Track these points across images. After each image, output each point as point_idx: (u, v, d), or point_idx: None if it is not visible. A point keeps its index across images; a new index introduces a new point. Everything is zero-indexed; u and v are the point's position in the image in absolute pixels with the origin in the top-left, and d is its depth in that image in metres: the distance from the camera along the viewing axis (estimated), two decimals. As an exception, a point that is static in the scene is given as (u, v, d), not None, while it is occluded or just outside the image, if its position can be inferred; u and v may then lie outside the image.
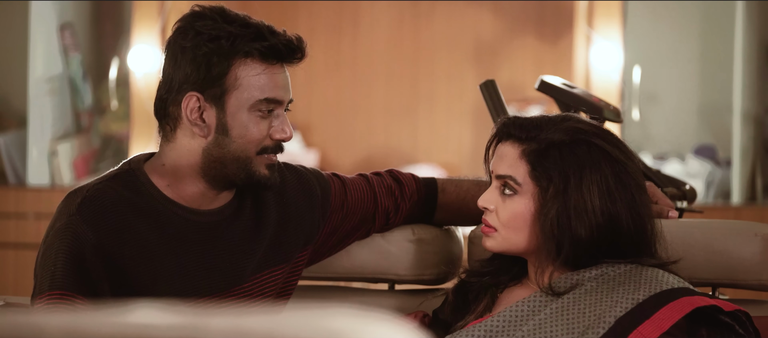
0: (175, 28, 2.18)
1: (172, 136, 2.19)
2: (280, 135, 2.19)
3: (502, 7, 5.56)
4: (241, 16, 2.18)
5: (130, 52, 5.36)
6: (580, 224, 2.06)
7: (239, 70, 2.15)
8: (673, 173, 4.54)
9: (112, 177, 2.20)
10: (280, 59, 2.18)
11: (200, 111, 2.16)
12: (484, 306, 2.18)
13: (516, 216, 2.12)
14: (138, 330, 1.02)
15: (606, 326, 2.01)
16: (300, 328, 0.99)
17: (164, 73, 2.19)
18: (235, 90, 2.15)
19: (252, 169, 2.19)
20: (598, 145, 2.10)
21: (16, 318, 1.05)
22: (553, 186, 2.08)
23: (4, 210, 5.31)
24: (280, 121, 2.19)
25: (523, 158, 2.11)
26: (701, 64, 5.34)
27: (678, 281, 2.07)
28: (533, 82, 2.74)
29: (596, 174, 2.07)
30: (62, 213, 2.15)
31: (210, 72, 2.14)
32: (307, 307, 1.04)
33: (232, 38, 2.14)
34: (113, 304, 2.12)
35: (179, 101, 2.16)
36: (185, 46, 2.15)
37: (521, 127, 2.14)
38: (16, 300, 2.35)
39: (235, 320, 1.01)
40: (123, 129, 5.47)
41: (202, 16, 2.16)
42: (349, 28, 5.75)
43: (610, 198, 2.07)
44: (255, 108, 2.16)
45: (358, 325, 0.99)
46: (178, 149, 2.19)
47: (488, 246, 2.16)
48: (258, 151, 2.18)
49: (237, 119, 2.16)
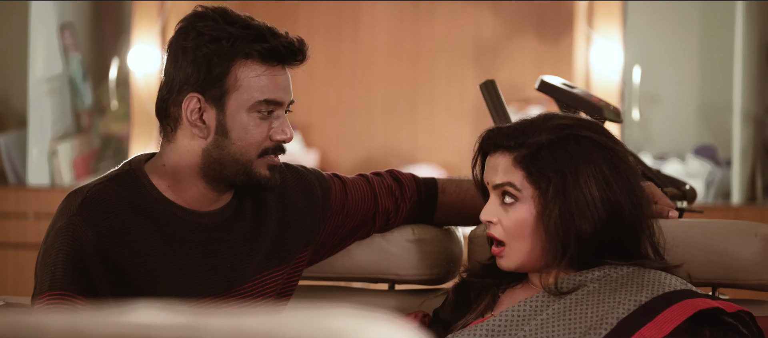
0: (177, 29, 2.19)
1: (173, 136, 2.20)
2: (280, 136, 2.19)
3: (502, 7, 5.56)
4: (243, 18, 2.18)
5: (130, 52, 5.36)
6: (584, 219, 2.06)
7: (239, 71, 2.15)
8: (673, 173, 4.54)
9: (113, 177, 2.20)
10: (280, 61, 2.18)
11: (200, 112, 2.16)
12: (485, 305, 2.18)
13: (520, 224, 2.11)
14: (138, 330, 1.02)
15: (608, 327, 2.01)
16: (300, 328, 0.99)
17: (165, 72, 2.19)
18: (235, 91, 2.15)
19: (252, 170, 2.19)
20: (586, 136, 2.10)
21: (16, 318, 1.05)
22: (552, 186, 2.08)
23: (4, 210, 5.31)
24: (280, 123, 2.19)
25: (517, 165, 2.11)
26: (701, 64, 5.34)
27: (681, 283, 2.07)
28: (533, 82, 2.74)
29: (590, 166, 2.08)
30: (63, 213, 2.15)
31: (210, 73, 2.14)
32: (307, 307, 1.04)
33: (233, 39, 2.14)
34: (113, 304, 2.12)
35: (180, 102, 2.16)
36: (186, 46, 2.15)
37: (507, 135, 2.13)
38: (16, 300, 2.35)
39: (235, 320, 1.01)
40: (123, 129, 5.47)
41: (204, 17, 2.17)
42: (349, 28, 5.74)
43: (608, 186, 2.08)
44: (254, 109, 2.16)
45: (358, 325, 0.99)
46: (178, 150, 2.19)
47: (504, 266, 2.14)
48: (259, 153, 2.18)
49: (236, 120, 2.16)
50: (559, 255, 2.08)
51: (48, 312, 1.09)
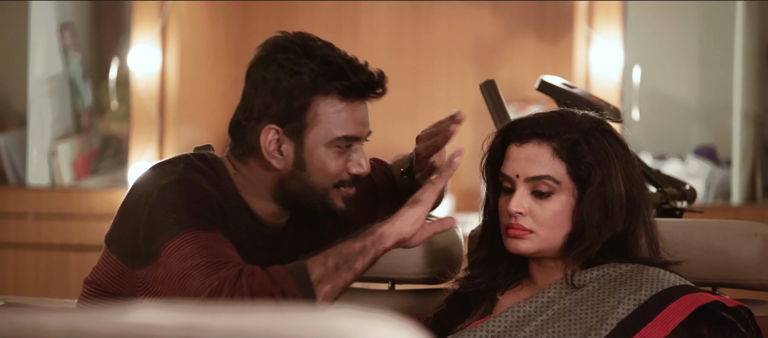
0: (258, 56, 2.19)
1: (245, 159, 2.22)
2: (357, 169, 2.21)
3: (502, 7, 5.56)
4: (324, 51, 2.17)
5: (130, 52, 5.36)
6: (615, 213, 2.07)
7: (319, 107, 2.16)
8: (673, 173, 4.53)
9: (200, 156, 2.22)
10: (360, 96, 2.19)
11: (278, 143, 2.17)
12: (484, 309, 2.18)
13: (556, 215, 2.10)
14: (138, 330, 1.02)
15: (608, 328, 2.01)
16: (300, 328, 0.99)
17: (244, 97, 2.20)
18: (314, 126, 2.16)
19: (328, 200, 2.21)
20: (610, 131, 2.14)
21: (16, 318, 1.05)
22: (594, 178, 2.08)
23: (4, 210, 5.30)
24: (357, 155, 2.21)
25: (557, 156, 2.10)
26: (701, 64, 5.34)
27: (679, 279, 2.08)
28: (533, 82, 2.74)
29: (619, 161, 2.10)
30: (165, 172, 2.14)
31: (290, 107, 2.15)
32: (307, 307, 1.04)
33: (314, 76, 2.14)
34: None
35: (258, 131, 2.17)
36: (267, 77, 2.16)
37: (545, 124, 2.12)
38: (16, 300, 2.36)
39: (235, 320, 1.01)
40: (123, 129, 5.47)
41: (285, 49, 2.17)
42: (349, 28, 5.74)
43: (631, 181, 2.10)
44: (333, 144, 2.18)
45: (358, 325, 0.99)
46: (251, 173, 2.21)
47: (523, 248, 2.12)
48: (335, 184, 2.20)
49: (315, 155, 2.17)
50: (589, 247, 2.08)
51: (47, 312, 1.09)
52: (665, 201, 2.79)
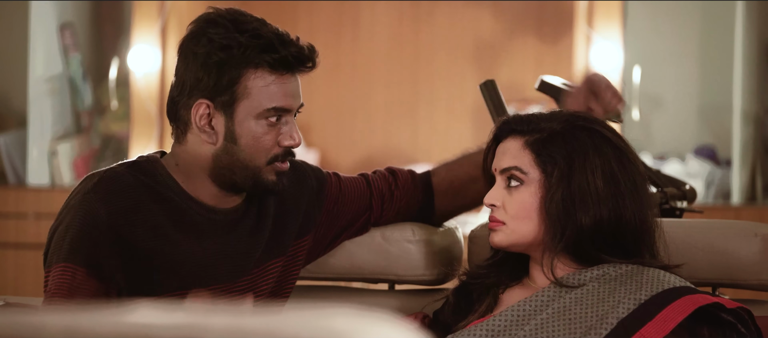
0: (189, 32, 2.21)
1: (183, 139, 2.24)
2: (288, 141, 2.22)
3: (502, 7, 5.56)
4: (254, 26, 2.19)
5: (130, 52, 5.36)
6: (585, 207, 2.07)
7: (249, 80, 2.17)
8: (673, 173, 4.53)
9: (132, 163, 2.24)
10: (290, 69, 2.20)
11: (209, 118, 2.19)
12: (486, 306, 2.18)
13: (524, 206, 2.12)
14: (138, 330, 1.02)
15: (608, 327, 2.02)
16: (300, 328, 0.99)
17: (177, 73, 2.23)
18: (244, 99, 2.18)
19: (260, 177, 2.22)
20: (599, 130, 2.13)
21: (16, 318, 1.05)
22: (557, 169, 2.09)
23: (4, 210, 5.30)
24: (288, 128, 2.22)
25: (527, 148, 2.13)
26: (701, 64, 5.34)
27: (679, 280, 2.08)
28: (533, 82, 2.74)
29: (599, 157, 2.09)
30: (78, 191, 2.19)
31: (220, 80, 2.17)
32: (307, 307, 1.04)
33: (243, 49, 2.16)
34: (125, 280, 2.15)
35: (189, 106, 2.19)
36: (197, 52, 2.18)
37: (521, 121, 2.16)
38: (16, 300, 2.35)
39: (235, 320, 1.01)
40: (123, 129, 5.47)
41: (215, 23, 2.18)
42: (349, 28, 5.74)
43: (613, 181, 2.09)
44: (263, 116, 2.19)
45: (358, 325, 0.99)
46: (189, 152, 2.23)
47: (496, 240, 2.15)
48: (268, 160, 2.21)
49: (245, 127, 2.19)
50: (556, 240, 2.08)
51: (48, 311, 1.09)
52: (665, 201, 2.79)
